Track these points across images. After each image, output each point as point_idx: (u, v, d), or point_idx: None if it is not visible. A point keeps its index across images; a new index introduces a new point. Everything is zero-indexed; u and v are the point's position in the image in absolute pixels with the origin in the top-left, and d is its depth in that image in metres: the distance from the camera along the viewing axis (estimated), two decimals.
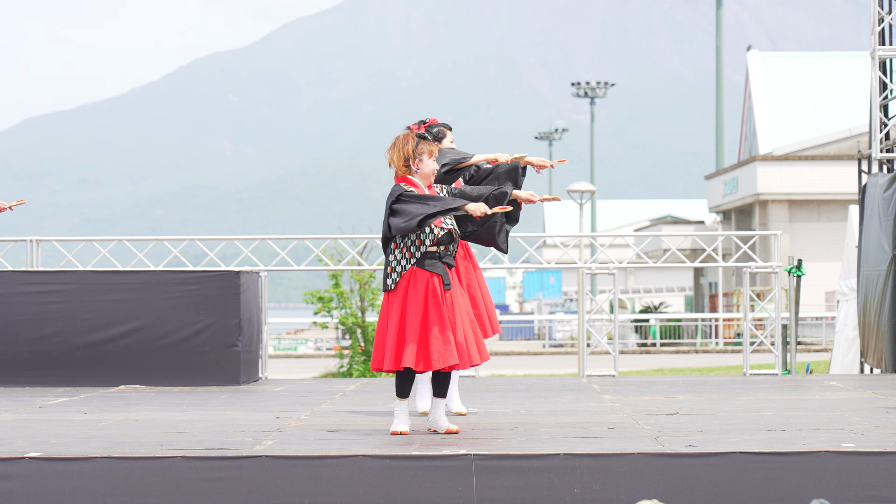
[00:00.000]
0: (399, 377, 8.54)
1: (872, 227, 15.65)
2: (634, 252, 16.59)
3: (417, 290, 8.39)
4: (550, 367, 36.44)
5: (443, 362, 8.34)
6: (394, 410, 8.63)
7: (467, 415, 9.94)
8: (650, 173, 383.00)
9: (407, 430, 8.49)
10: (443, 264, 8.49)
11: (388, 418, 9.76)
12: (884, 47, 16.05)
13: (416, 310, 8.37)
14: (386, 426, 9.05)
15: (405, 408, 8.58)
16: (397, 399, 8.58)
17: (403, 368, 8.39)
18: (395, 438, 8.31)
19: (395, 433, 8.47)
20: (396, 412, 8.57)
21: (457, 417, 9.70)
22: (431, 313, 8.36)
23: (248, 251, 15.62)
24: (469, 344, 8.49)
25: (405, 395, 8.55)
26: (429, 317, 8.36)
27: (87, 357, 13.17)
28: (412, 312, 8.37)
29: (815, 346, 42.35)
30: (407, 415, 8.57)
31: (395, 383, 8.61)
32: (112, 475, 7.30)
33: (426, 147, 8.56)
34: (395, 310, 8.41)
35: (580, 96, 67.13)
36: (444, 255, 8.51)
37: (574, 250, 46.28)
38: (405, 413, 8.56)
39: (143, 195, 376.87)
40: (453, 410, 9.86)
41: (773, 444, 7.66)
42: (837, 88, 54.09)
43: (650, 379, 14.65)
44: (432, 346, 8.33)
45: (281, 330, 60.76)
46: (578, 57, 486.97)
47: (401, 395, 8.56)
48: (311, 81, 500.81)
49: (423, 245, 8.43)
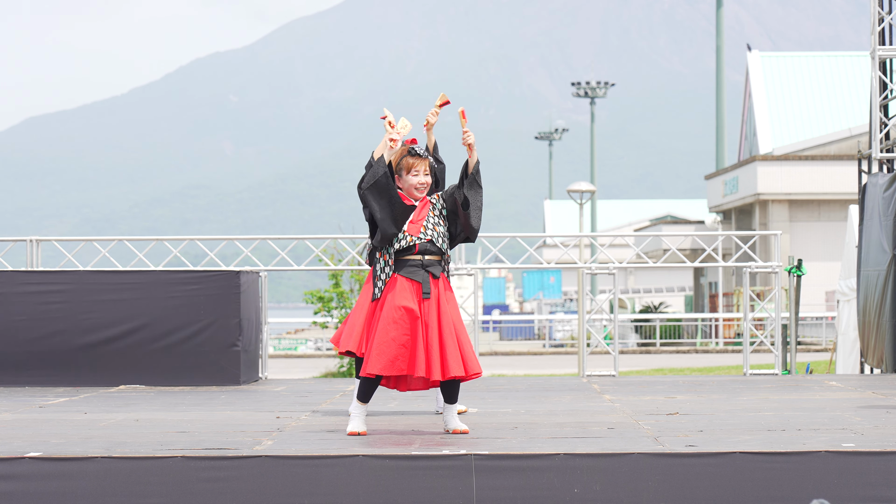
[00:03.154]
0: (366, 382, 8.50)
1: (872, 227, 15.65)
2: (634, 252, 16.59)
3: (396, 298, 8.38)
4: (550, 367, 36.43)
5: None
6: (351, 412, 8.64)
7: (466, 411, 9.95)
8: (650, 173, 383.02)
9: (365, 431, 8.47)
10: (425, 272, 8.49)
11: (388, 418, 9.76)
12: (884, 47, 16.05)
13: (392, 318, 8.35)
14: (386, 426, 9.06)
15: (363, 410, 8.58)
16: (358, 402, 8.55)
17: (374, 376, 8.39)
18: (395, 438, 8.31)
19: (353, 434, 8.44)
20: (355, 414, 8.56)
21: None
22: (406, 321, 8.34)
23: (248, 251, 15.62)
24: (463, 355, 8.45)
25: (364, 399, 8.55)
26: (393, 325, 8.32)
27: (87, 357, 13.17)
28: (387, 320, 8.34)
29: (815, 346, 42.34)
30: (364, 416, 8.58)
31: (358, 388, 8.58)
32: (112, 475, 7.30)
33: (406, 162, 8.57)
34: (377, 314, 8.41)
35: (580, 96, 67.16)
36: (427, 263, 8.51)
37: (574, 250, 46.27)
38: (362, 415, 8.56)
39: (143, 195, 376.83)
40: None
41: (773, 444, 7.66)
42: (837, 88, 54.08)
43: (650, 379, 14.65)
44: (393, 354, 8.32)
45: (281, 330, 60.76)
46: (578, 57, 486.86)
47: (361, 399, 8.54)
48: (311, 81, 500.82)
49: (393, 251, 8.44)
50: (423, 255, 8.49)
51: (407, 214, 8.47)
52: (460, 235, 8.68)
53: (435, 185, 9.19)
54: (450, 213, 8.62)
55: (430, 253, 8.51)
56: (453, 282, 10.25)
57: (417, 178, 8.55)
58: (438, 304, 8.45)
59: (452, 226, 8.64)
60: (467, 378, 8.44)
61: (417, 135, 9.18)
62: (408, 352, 8.33)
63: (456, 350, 8.39)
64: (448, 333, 8.42)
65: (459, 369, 8.37)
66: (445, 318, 8.43)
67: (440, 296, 8.49)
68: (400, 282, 8.42)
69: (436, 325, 8.41)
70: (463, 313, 13.69)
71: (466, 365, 8.42)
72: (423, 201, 8.58)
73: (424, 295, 8.41)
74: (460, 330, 8.52)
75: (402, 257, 8.46)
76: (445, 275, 8.59)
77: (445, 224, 8.59)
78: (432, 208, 8.59)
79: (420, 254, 8.48)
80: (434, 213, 8.57)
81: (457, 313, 8.57)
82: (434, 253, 8.51)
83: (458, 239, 8.68)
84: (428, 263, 8.48)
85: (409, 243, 8.45)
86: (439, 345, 8.40)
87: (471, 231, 8.61)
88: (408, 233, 8.45)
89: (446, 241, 8.59)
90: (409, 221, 8.46)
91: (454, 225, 8.63)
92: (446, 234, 8.59)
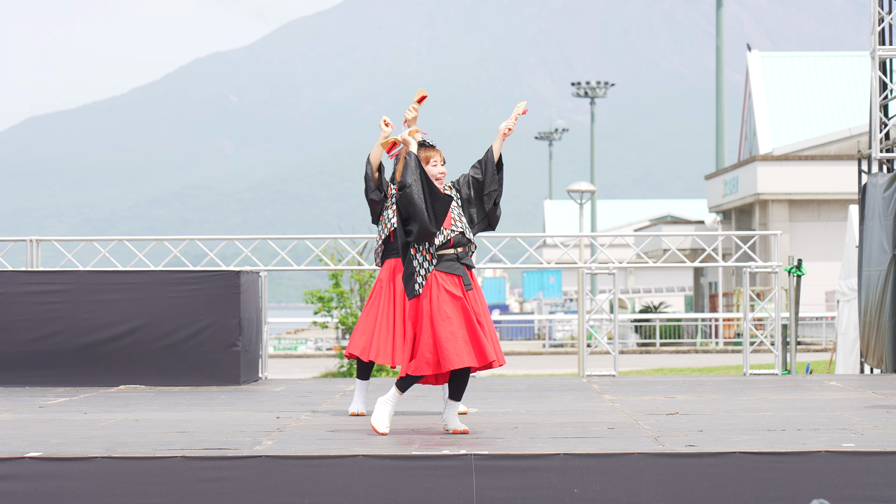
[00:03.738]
0: (409, 379, 8.52)
1: (873, 227, 15.65)
2: (634, 252, 16.59)
3: (442, 293, 8.39)
4: (550, 367, 36.43)
5: (460, 363, 8.35)
6: (381, 407, 8.60)
7: (466, 413, 9.95)
8: (650, 173, 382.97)
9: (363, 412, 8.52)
10: (462, 265, 8.50)
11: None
12: (884, 47, 16.05)
13: (445, 312, 8.36)
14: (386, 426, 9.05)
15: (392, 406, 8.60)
16: (398, 392, 8.57)
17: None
18: (395, 438, 8.31)
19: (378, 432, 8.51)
20: (384, 409, 8.57)
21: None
22: (457, 314, 8.37)
23: (248, 251, 15.62)
24: (495, 344, 8.52)
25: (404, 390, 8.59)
26: (450, 318, 8.35)
27: (87, 357, 13.17)
28: (441, 314, 8.36)
29: (815, 346, 42.34)
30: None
31: (399, 384, 8.56)
32: (112, 475, 7.30)
33: (422, 154, 8.58)
34: (425, 312, 8.40)
35: (580, 96, 67.16)
36: (461, 256, 8.52)
37: (574, 250, 46.27)
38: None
39: (143, 195, 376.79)
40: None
41: (773, 444, 7.66)
42: (837, 88, 54.08)
43: (650, 379, 14.65)
44: (455, 345, 8.34)
45: (281, 330, 60.76)
46: (578, 57, 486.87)
47: (402, 389, 8.58)
48: (311, 81, 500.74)
49: (434, 248, 8.43)
50: (456, 247, 8.50)
51: (448, 205, 8.44)
52: (480, 223, 8.70)
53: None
54: (464, 200, 8.64)
55: (462, 245, 8.53)
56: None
57: (437, 167, 8.55)
58: (476, 294, 8.54)
59: (466, 213, 8.67)
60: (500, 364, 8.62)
61: (423, 131, 9.16)
62: (468, 345, 8.36)
63: (494, 339, 8.56)
64: (488, 323, 8.54)
65: (501, 357, 8.52)
66: (484, 307, 8.53)
67: (475, 287, 8.62)
68: (441, 278, 8.42)
69: (481, 314, 8.49)
70: None
71: (499, 353, 8.54)
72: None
73: (467, 287, 8.44)
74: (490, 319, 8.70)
75: (438, 252, 8.46)
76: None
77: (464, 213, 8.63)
78: (455, 199, 8.62)
79: (454, 246, 8.49)
80: (457, 203, 8.60)
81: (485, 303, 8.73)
82: (464, 244, 8.54)
83: (476, 227, 8.70)
84: (462, 256, 8.51)
85: (446, 238, 8.45)
86: (485, 333, 8.50)
87: (494, 218, 8.67)
88: (443, 227, 8.45)
89: (470, 231, 8.61)
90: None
91: (469, 212, 8.65)
92: (468, 224, 8.62)
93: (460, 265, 8.49)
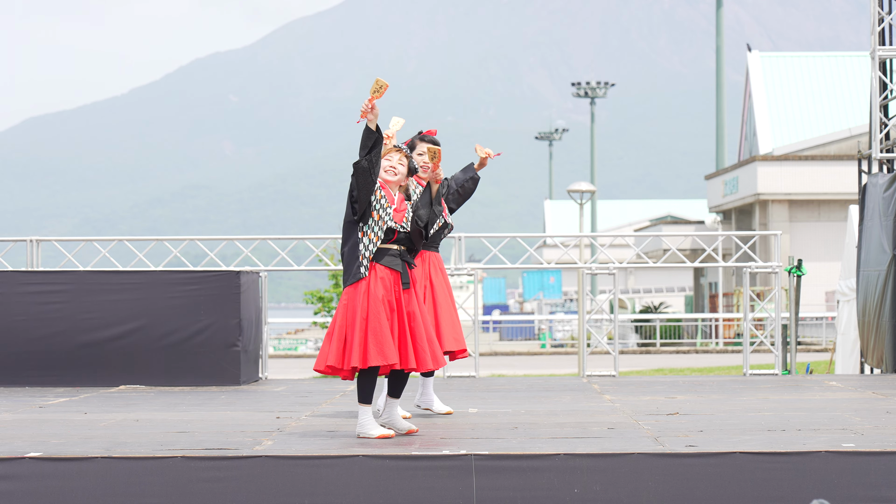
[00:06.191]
0: (364, 378, 8.36)
1: (872, 227, 15.65)
2: (634, 252, 16.59)
3: (378, 287, 8.36)
4: (550, 367, 36.42)
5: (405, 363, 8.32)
6: (362, 420, 8.36)
7: (460, 413, 9.95)
8: (650, 173, 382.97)
9: (392, 433, 8.36)
10: (403, 263, 8.48)
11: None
12: (884, 47, 16.05)
13: (377, 307, 8.31)
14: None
15: (370, 412, 8.44)
16: (363, 406, 8.38)
17: (368, 367, 8.26)
18: (395, 438, 8.30)
19: (384, 437, 8.31)
20: (368, 420, 8.36)
21: (452, 417, 9.71)
22: (387, 312, 8.31)
23: (248, 251, 15.61)
24: (433, 348, 8.44)
25: (370, 400, 8.41)
26: (379, 315, 8.28)
27: (87, 357, 13.17)
28: (375, 309, 8.30)
29: (815, 346, 42.33)
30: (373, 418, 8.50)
31: (358, 388, 8.39)
32: (112, 475, 7.30)
33: (392, 155, 8.58)
34: (361, 306, 8.30)
35: (580, 96, 67.16)
36: (403, 254, 8.50)
37: (574, 250, 46.28)
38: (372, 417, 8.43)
39: (143, 195, 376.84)
40: (442, 411, 9.85)
41: (773, 444, 7.66)
42: (837, 88, 54.08)
43: (650, 379, 14.65)
44: (384, 344, 8.25)
45: (281, 330, 60.78)
46: (578, 57, 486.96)
47: (366, 401, 8.39)
48: (311, 81, 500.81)
49: (382, 234, 8.37)
50: (400, 244, 8.49)
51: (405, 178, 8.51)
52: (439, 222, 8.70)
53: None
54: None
55: (405, 244, 8.52)
56: (452, 282, 10.26)
57: (390, 163, 8.54)
58: (415, 292, 8.48)
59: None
60: (455, 358, 8.62)
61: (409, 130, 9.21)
62: (396, 343, 8.32)
63: (433, 340, 8.47)
64: (430, 325, 8.51)
65: (438, 361, 8.42)
66: (445, 303, 8.52)
67: (432, 279, 8.58)
68: (381, 271, 8.39)
69: (416, 315, 8.41)
70: (463, 313, 13.69)
71: (435, 358, 8.40)
72: (400, 201, 8.55)
73: (405, 286, 8.41)
74: (442, 312, 8.59)
75: (383, 245, 8.44)
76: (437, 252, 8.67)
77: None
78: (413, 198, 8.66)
79: (397, 243, 8.48)
80: (411, 205, 8.60)
81: (444, 295, 8.65)
82: (408, 245, 8.52)
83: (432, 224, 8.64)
84: (404, 254, 8.49)
85: (394, 226, 8.41)
86: (432, 331, 8.47)
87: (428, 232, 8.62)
88: (394, 219, 8.44)
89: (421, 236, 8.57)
90: (394, 210, 8.44)
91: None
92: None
93: (402, 262, 8.47)
